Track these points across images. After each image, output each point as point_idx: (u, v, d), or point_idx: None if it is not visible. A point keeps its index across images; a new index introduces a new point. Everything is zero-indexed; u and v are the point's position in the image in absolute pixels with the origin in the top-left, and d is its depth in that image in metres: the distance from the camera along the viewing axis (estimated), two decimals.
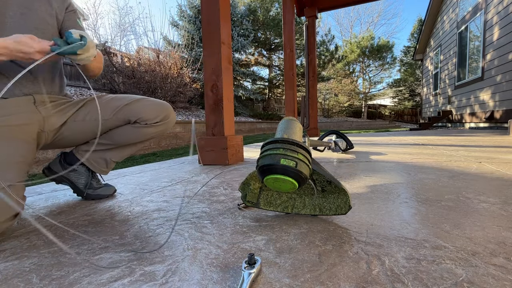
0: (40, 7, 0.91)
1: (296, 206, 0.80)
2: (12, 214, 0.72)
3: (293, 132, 0.66)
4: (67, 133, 0.99)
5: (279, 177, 0.60)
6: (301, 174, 0.60)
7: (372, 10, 28.99)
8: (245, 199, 0.81)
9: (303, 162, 0.60)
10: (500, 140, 3.15)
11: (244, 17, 13.02)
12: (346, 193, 0.71)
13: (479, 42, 6.50)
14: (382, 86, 23.44)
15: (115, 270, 0.54)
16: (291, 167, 0.59)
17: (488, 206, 0.85)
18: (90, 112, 1.01)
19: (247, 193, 0.81)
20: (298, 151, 0.60)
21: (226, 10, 1.95)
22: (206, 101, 1.98)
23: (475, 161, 1.68)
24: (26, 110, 0.88)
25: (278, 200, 0.81)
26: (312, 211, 0.78)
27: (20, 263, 0.59)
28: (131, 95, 1.06)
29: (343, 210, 0.74)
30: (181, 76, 7.59)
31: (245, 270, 0.48)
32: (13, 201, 0.70)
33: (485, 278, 0.47)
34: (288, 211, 0.80)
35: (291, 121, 0.70)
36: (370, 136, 4.65)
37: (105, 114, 1.01)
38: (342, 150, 2.23)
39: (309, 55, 5.19)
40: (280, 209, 0.81)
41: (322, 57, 18.36)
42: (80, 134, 1.02)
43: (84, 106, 1.01)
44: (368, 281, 0.47)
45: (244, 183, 0.79)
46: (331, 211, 0.75)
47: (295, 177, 0.60)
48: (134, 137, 1.06)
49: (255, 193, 0.80)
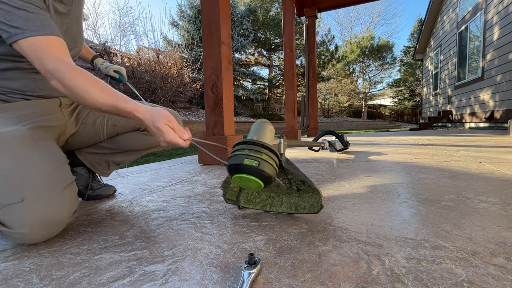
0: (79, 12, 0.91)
1: (274, 205, 0.84)
2: (75, 209, 0.73)
3: (262, 134, 0.70)
4: (76, 136, 0.99)
5: (243, 175, 0.64)
6: (264, 173, 0.63)
7: (372, 10, 28.98)
8: (225, 197, 0.86)
9: (266, 162, 0.63)
10: (500, 140, 3.15)
11: (244, 17, 13.02)
12: (319, 193, 0.75)
13: (479, 42, 6.50)
14: (382, 86, 23.47)
15: (115, 270, 0.54)
16: (253, 166, 0.62)
17: (488, 206, 0.85)
18: (100, 116, 1.00)
19: (227, 191, 0.85)
20: (262, 152, 0.64)
21: (226, 10, 1.95)
22: (206, 101, 1.98)
23: (475, 161, 1.68)
24: (56, 112, 0.88)
25: (258, 198, 0.86)
26: (288, 209, 0.82)
27: (20, 263, 0.59)
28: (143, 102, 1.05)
29: (316, 209, 0.78)
30: (181, 76, 7.59)
31: (245, 270, 0.48)
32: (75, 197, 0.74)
33: (485, 278, 0.47)
34: (267, 209, 0.85)
35: (263, 123, 0.74)
36: (370, 136, 4.65)
37: (115, 118, 1.00)
38: (337, 151, 2.23)
39: (309, 55, 5.19)
40: (259, 207, 0.85)
41: (322, 57, 18.36)
42: (87, 137, 1.01)
43: None
44: (368, 281, 0.47)
45: (225, 181, 0.83)
46: (305, 209, 0.80)
47: (258, 176, 0.63)
48: (141, 144, 1.06)
49: (234, 191, 0.85)
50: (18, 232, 0.63)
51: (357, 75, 22.12)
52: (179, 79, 7.48)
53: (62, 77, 0.68)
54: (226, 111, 1.95)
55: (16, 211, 0.63)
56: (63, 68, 0.68)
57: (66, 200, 0.69)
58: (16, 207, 0.63)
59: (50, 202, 0.66)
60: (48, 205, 0.65)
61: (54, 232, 0.68)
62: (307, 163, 1.84)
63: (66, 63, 0.69)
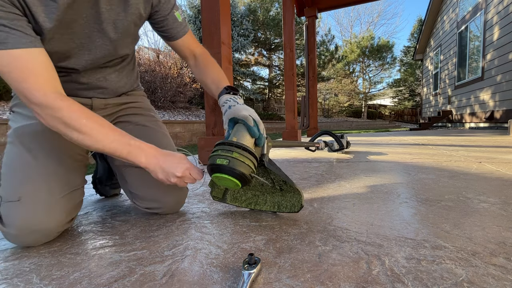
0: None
1: (259, 203, 0.87)
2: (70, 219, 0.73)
3: (242, 136, 0.71)
4: None
5: (219, 175, 0.65)
6: (235, 170, 0.64)
7: (372, 10, 29.00)
8: (212, 194, 0.89)
9: (238, 160, 0.65)
10: (500, 140, 3.15)
11: (244, 17, 13.03)
12: (300, 193, 0.77)
13: (479, 42, 6.50)
14: (382, 86, 23.49)
15: (115, 270, 0.54)
16: (223, 165, 0.64)
17: (488, 206, 0.85)
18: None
19: (214, 189, 0.88)
20: (233, 151, 0.65)
21: (226, 10, 1.95)
22: (206, 101, 1.98)
23: (475, 161, 1.68)
24: None
25: (244, 196, 0.88)
26: (271, 207, 0.84)
27: (20, 263, 0.59)
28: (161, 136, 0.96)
29: (296, 208, 0.79)
30: (181, 76, 7.60)
31: (245, 270, 0.48)
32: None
33: (485, 278, 0.47)
34: (252, 207, 0.88)
35: (240, 126, 0.74)
36: (370, 136, 4.65)
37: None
38: (333, 151, 2.22)
39: (309, 55, 5.19)
40: (245, 205, 0.88)
41: (322, 57, 18.37)
42: None
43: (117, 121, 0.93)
44: (368, 281, 0.47)
45: (211, 180, 0.85)
46: (286, 208, 0.82)
47: (229, 174, 0.64)
48: None
49: (221, 189, 0.88)
50: (7, 231, 0.64)
51: (357, 75, 22.14)
52: (179, 79, 7.48)
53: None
54: None
55: (11, 209, 0.64)
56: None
57: (59, 209, 0.68)
58: (12, 206, 0.64)
59: (41, 209, 0.65)
60: (38, 212, 0.64)
61: (42, 240, 0.67)
62: (307, 163, 1.84)
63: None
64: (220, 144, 0.68)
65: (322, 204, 0.92)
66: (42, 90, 0.58)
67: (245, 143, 0.68)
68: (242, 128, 0.72)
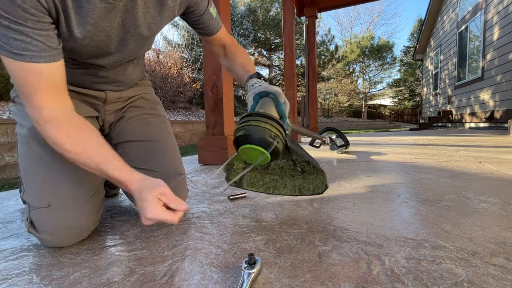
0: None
1: (278, 187, 0.83)
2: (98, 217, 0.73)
3: (268, 109, 0.67)
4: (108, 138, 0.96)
5: (250, 146, 0.60)
6: (270, 143, 0.59)
7: (372, 10, 28.96)
8: (228, 178, 0.84)
9: (260, 127, 0.60)
10: (500, 140, 3.15)
11: (244, 17, 13.03)
12: (324, 174, 0.74)
13: (479, 42, 6.50)
14: (382, 86, 23.46)
15: (115, 270, 0.54)
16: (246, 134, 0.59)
17: (488, 206, 0.85)
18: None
19: (230, 173, 0.84)
20: (268, 122, 0.61)
21: (226, 10, 1.95)
22: (206, 101, 1.98)
23: (475, 161, 1.68)
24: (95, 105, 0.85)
25: (261, 181, 0.85)
26: (292, 191, 0.81)
27: (20, 263, 0.59)
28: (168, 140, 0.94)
29: (320, 190, 0.77)
30: (181, 76, 7.60)
31: (245, 270, 0.48)
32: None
33: (485, 278, 0.47)
34: (270, 192, 0.84)
35: (266, 99, 0.70)
36: (370, 136, 4.65)
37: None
38: (338, 147, 2.21)
39: (309, 55, 5.19)
40: (262, 190, 0.85)
41: (322, 57, 18.37)
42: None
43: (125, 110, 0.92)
44: (368, 281, 0.47)
45: (228, 164, 0.82)
46: (309, 191, 0.79)
47: (264, 146, 0.59)
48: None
49: (237, 173, 0.83)
50: (41, 237, 0.65)
51: (357, 75, 22.13)
52: (179, 79, 7.48)
53: None
54: (226, 111, 1.95)
55: (42, 216, 0.64)
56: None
57: (89, 210, 0.68)
58: (42, 212, 0.64)
59: (72, 213, 0.65)
60: (69, 216, 0.65)
61: (76, 240, 0.68)
62: None
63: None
64: (251, 115, 0.63)
65: (322, 204, 0.92)
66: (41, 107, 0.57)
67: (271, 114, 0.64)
68: (268, 102, 0.68)
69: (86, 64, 0.73)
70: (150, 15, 0.70)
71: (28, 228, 0.67)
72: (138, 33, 0.71)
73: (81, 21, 0.59)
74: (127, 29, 0.69)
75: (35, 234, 0.66)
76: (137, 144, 0.88)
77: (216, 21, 0.85)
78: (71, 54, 0.67)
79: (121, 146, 0.88)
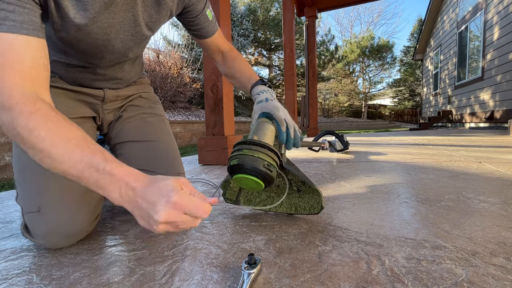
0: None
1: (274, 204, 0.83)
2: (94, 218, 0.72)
3: (263, 134, 0.69)
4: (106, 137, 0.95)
5: (243, 176, 0.62)
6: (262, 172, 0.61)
7: (372, 10, 28.99)
8: (225, 196, 0.86)
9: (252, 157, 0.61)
10: (500, 140, 3.15)
11: (244, 17, 13.02)
12: (319, 194, 0.74)
13: (479, 42, 6.49)
14: (382, 86, 23.47)
15: (115, 270, 0.54)
16: (239, 164, 0.60)
17: (488, 206, 0.85)
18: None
19: (227, 190, 0.85)
20: (260, 151, 0.62)
21: (226, 10, 1.95)
22: (206, 101, 1.98)
23: (475, 161, 1.68)
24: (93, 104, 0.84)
25: (258, 198, 0.86)
26: (288, 209, 0.82)
27: (20, 263, 0.59)
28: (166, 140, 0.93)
29: (316, 210, 0.77)
30: (181, 76, 7.59)
31: (245, 270, 0.48)
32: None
33: (485, 278, 0.47)
34: (266, 209, 0.85)
35: (263, 123, 0.72)
36: (370, 136, 4.65)
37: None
38: (337, 151, 2.22)
39: (309, 55, 5.19)
40: (259, 207, 0.86)
41: (322, 57, 18.37)
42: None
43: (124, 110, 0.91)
44: (368, 281, 0.47)
45: (225, 181, 0.83)
46: (305, 210, 0.79)
47: (257, 176, 0.61)
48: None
49: (234, 191, 0.85)
50: (36, 241, 0.65)
51: (357, 75, 22.13)
52: (179, 79, 7.48)
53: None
54: (226, 111, 1.95)
55: (33, 220, 0.63)
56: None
57: (81, 211, 0.67)
58: (34, 216, 0.63)
59: (64, 216, 0.64)
60: (60, 219, 0.63)
61: (72, 242, 0.67)
62: (307, 163, 1.84)
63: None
64: (244, 143, 0.64)
65: None
66: (10, 89, 0.45)
67: (265, 140, 0.66)
68: (265, 126, 0.70)
69: (84, 62, 0.73)
70: (148, 13, 0.70)
71: (23, 232, 0.66)
72: (137, 32, 0.71)
73: (80, 13, 0.57)
74: (127, 29, 0.69)
75: (30, 238, 0.65)
76: (137, 145, 0.88)
77: (211, 24, 0.85)
78: (69, 52, 0.67)
79: (120, 146, 0.88)
